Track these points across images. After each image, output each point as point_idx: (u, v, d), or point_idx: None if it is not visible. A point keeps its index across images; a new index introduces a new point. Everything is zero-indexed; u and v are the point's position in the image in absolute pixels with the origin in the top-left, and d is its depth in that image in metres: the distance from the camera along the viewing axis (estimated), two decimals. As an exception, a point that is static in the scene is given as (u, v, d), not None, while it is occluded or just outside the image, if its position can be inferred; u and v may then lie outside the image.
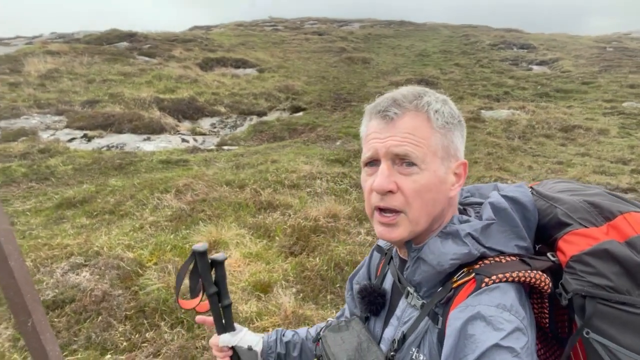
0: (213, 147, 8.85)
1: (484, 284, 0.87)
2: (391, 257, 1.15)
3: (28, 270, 2.88)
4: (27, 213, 5.41)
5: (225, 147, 8.55)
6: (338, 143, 8.58)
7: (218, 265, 1.17)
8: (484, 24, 32.04)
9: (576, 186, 1.10)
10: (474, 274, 0.90)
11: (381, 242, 1.26)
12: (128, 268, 4.06)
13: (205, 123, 10.82)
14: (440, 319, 0.92)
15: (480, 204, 1.07)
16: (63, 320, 3.51)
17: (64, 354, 3.21)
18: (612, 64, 17.41)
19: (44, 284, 3.81)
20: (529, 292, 0.96)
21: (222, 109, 11.27)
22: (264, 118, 11.34)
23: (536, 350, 1.00)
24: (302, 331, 1.38)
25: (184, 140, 9.40)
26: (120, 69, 13.35)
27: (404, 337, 0.98)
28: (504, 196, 0.99)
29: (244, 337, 1.28)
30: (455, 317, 0.85)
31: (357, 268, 1.30)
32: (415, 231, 0.95)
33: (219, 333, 1.24)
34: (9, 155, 7.15)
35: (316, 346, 1.18)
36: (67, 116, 9.93)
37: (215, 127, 10.75)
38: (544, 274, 0.90)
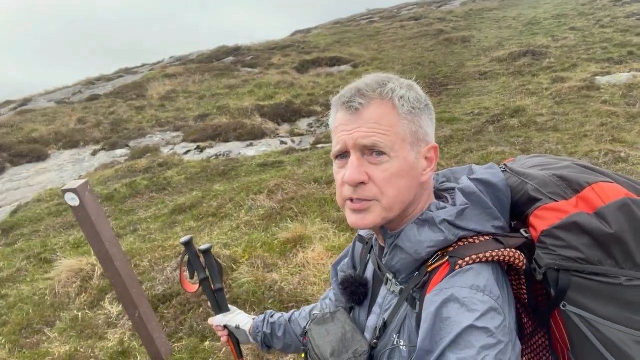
0: (308, 146, 9.22)
1: (457, 266, 0.87)
2: (372, 246, 1.16)
3: (132, 269, 3.39)
4: (148, 220, 6.23)
5: (319, 145, 8.85)
6: (431, 130, 8.36)
7: (205, 254, 1.36)
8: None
9: (548, 160, 1.07)
10: (447, 257, 0.91)
11: (362, 232, 1.27)
12: (224, 264, 4.50)
13: (302, 124, 11.29)
14: (418, 303, 0.93)
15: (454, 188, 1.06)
16: (171, 311, 4.03)
17: (172, 340, 3.70)
18: None
19: (157, 280, 4.39)
20: (507, 269, 0.96)
21: (318, 109, 11.65)
22: (359, 113, 11.46)
23: (524, 324, 1.03)
24: (288, 314, 1.47)
25: (282, 142, 9.93)
26: (226, 82, 14.50)
27: (385, 325, 1.00)
28: (474, 179, 0.99)
29: (235, 317, 1.44)
30: (430, 301, 0.86)
31: (340, 255, 1.33)
32: (387, 218, 0.95)
33: (215, 314, 1.43)
34: (135, 170, 8.27)
35: (303, 340, 1.21)
36: (183, 131, 11.11)
37: (312, 127, 11.16)
38: (518, 251, 0.90)
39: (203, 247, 1.36)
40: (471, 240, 0.93)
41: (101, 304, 4.33)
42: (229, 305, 1.47)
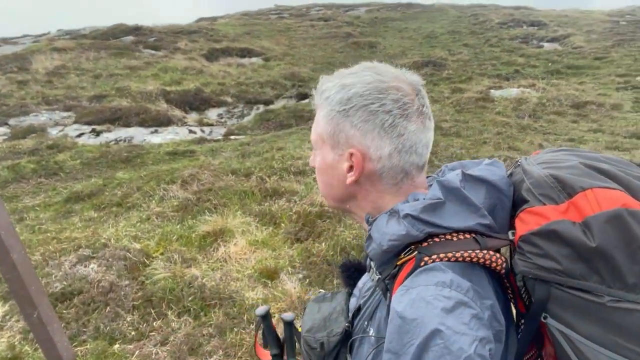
0: (220, 137, 8.85)
1: (422, 263, 0.82)
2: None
3: (31, 264, 2.90)
4: (37, 208, 5.47)
5: (232, 137, 8.54)
6: (345, 128, 8.52)
7: (286, 324, 1.26)
8: (492, 3, 31.38)
9: (563, 156, 0.97)
10: (416, 252, 0.85)
11: None
12: (135, 259, 4.09)
13: (212, 114, 10.82)
14: (389, 294, 0.89)
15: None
16: (72, 311, 3.55)
17: (74, 344, 3.25)
18: (626, 37, 16.95)
19: (53, 276, 3.85)
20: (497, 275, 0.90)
21: (229, 99, 11.25)
22: (271, 106, 11.30)
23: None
24: None
25: (191, 131, 9.41)
26: (126, 63, 13.38)
27: (359, 308, 1.01)
28: (466, 174, 0.92)
29: None
30: (397, 301, 0.80)
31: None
32: (331, 205, 1.05)
33: None
34: (18, 152, 7.23)
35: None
36: (75, 112, 10.01)
37: (222, 118, 10.74)
38: (496, 254, 0.84)
39: (285, 316, 1.25)
40: (449, 237, 0.86)
41: (-19, 304, 3.67)
42: None
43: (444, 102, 10.11)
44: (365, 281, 1.06)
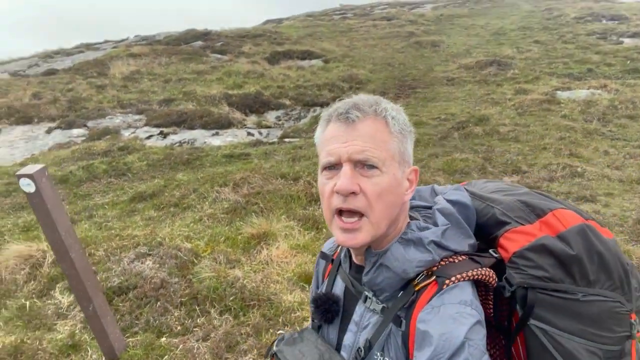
0: (276, 139, 9.13)
1: (445, 286, 0.93)
2: (339, 263, 1.18)
3: (88, 261, 3.24)
4: (105, 206, 5.99)
5: (287, 139, 8.78)
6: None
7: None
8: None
9: (505, 186, 1.18)
10: (434, 276, 0.96)
11: (325, 248, 1.28)
12: (185, 258, 4.38)
13: (270, 116, 11.16)
14: (404, 321, 0.96)
15: (424, 207, 1.12)
16: (127, 305, 3.88)
17: (126, 335, 3.57)
18: None
19: (113, 271, 4.22)
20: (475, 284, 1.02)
21: (287, 102, 11.54)
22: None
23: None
24: None
25: (249, 133, 9.78)
26: (194, 67, 14.11)
27: (370, 344, 0.99)
28: (449, 200, 1.06)
29: None
30: (423, 320, 0.92)
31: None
32: (376, 235, 0.97)
33: None
34: (93, 153, 7.92)
35: None
36: (146, 115, 10.74)
37: (280, 120, 11.05)
38: (491, 270, 0.99)
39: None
40: (451, 259, 0.98)
41: (51, 293, 4.12)
42: None
43: (505, 104, 9.72)
44: (362, 313, 1.05)
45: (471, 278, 0.95)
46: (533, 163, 6.39)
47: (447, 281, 0.94)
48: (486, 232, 1.07)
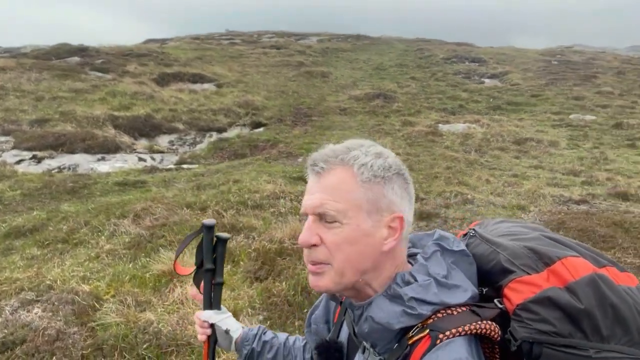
0: (172, 165, 8.63)
1: (438, 341, 0.88)
2: (346, 308, 1.13)
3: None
4: (-30, 245, 5.06)
5: (185, 166, 8.35)
6: (300, 160, 8.56)
7: (221, 243, 1.26)
8: (436, 38, 33.11)
9: (517, 229, 1.14)
10: (427, 330, 0.91)
11: None
12: (84, 302, 3.85)
13: (163, 140, 10.56)
14: None
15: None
16: (12, 364, 3.27)
17: (14, 402, 2.99)
18: (558, 76, 18.36)
19: (-9, 324, 3.55)
20: (480, 338, 0.99)
21: (181, 126, 11.05)
22: (224, 134, 11.19)
23: None
24: (282, 336, 1.41)
25: (140, 159, 9.12)
26: (71, 85, 12.85)
27: None
28: (451, 250, 1.01)
29: (226, 320, 1.31)
30: None
31: (314, 305, 1.30)
32: (341, 283, 0.95)
33: (205, 308, 1.29)
34: (-52, 181, 6.69)
35: None
36: (15, 136, 9.46)
37: (173, 145, 10.51)
38: (493, 323, 0.93)
39: (223, 235, 1.27)
40: (449, 310, 0.94)
41: None
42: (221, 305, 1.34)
43: (396, 134, 10.44)
44: None
45: (468, 333, 0.89)
46: (429, 190, 6.89)
47: (440, 336, 0.88)
48: (492, 279, 1.02)
